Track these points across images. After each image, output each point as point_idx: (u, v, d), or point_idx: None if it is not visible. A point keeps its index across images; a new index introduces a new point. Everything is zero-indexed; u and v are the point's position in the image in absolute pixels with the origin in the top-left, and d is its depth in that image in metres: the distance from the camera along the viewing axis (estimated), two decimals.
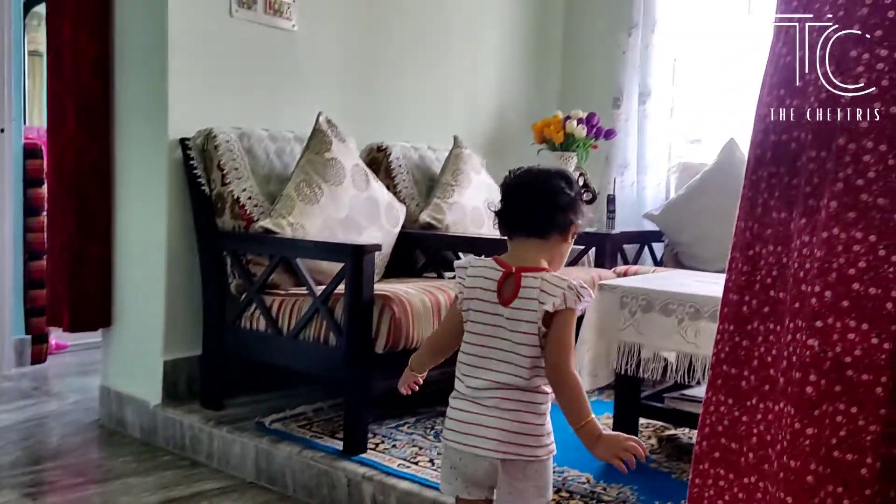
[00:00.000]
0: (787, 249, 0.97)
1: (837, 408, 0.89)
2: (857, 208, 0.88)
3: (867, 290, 0.87)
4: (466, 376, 1.40)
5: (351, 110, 3.04)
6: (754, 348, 1.00)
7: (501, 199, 1.48)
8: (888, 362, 0.88)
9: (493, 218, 1.52)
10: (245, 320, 2.41)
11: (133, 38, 2.58)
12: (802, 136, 0.96)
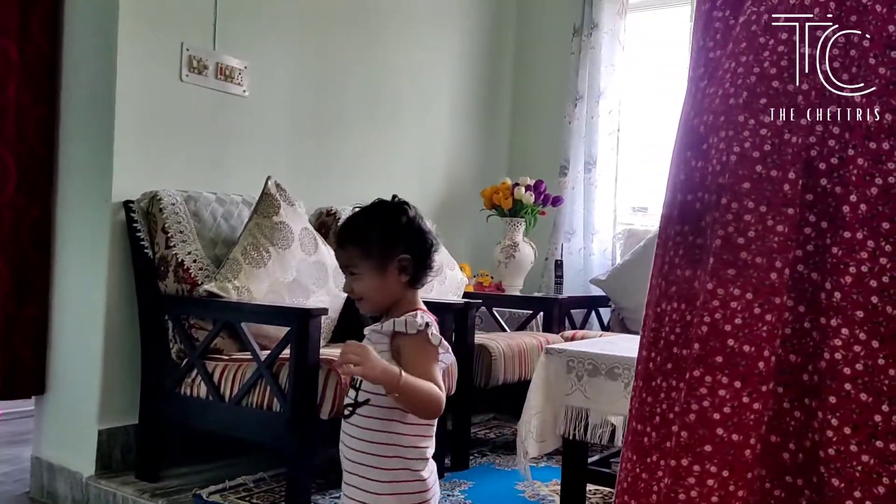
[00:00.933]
0: (690, 307, 0.99)
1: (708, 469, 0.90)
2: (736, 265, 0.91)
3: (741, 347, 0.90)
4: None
5: (300, 174, 3.06)
6: (656, 404, 1.01)
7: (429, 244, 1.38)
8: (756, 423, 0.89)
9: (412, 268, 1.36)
10: (185, 387, 2.35)
11: (80, 99, 2.57)
12: (706, 196, 1.00)
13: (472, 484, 2.53)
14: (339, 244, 1.37)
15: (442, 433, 2.56)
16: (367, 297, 1.34)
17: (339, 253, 1.37)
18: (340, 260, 1.37)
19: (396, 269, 1.32)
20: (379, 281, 1.32)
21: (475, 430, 3.21)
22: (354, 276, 1.34)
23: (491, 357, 2.76)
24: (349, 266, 1.34)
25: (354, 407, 1.31)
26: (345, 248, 1.35)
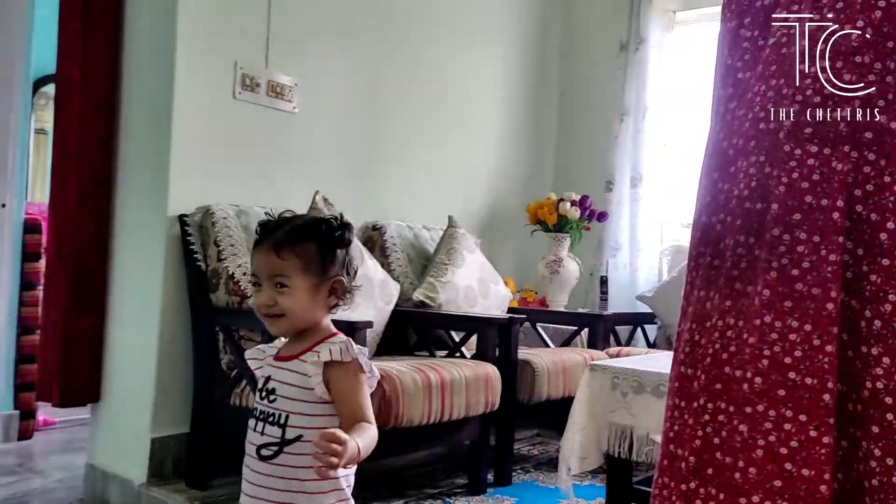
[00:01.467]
0: (700, 328, 0.99)
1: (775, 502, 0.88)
2: (793, 297, 0.90)
3: (803, 379, 0.88)
4: None
5: (348, 189, 3.11)
6: (664, 422, 1.01)
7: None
8: (828, 458, 0.87)
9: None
10: (235, 397, 2.40)
11: (139, 117, 2.66)
12: (729, 219, 1.00)
13: (515, 500, 2.52)
14: (276, 250, 1.21)
15: (485, 447, 2.57)
16: (291, 314, 1.22)
17: (272, 260, 1.21)
18: (270, 268, 1.22)
19: (327, 291, 1.24)
20: (309, 300, 1.22)
21: (518, 446, 3.20)
22: (283, 289, 1.21)
23: (534, 372, 2.75)
24: (280, 276, 1.21)
25: (282, 445, 1.20)
26: (282, 257, 1.21)
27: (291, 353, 1.25)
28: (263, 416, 1.22)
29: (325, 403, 1.20)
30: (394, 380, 2.14)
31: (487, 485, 2.61)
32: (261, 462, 1.21)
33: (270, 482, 1.20)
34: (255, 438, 1.23)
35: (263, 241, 1.24)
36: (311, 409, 1.20)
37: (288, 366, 1.23)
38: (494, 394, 2.48)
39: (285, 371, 1.23)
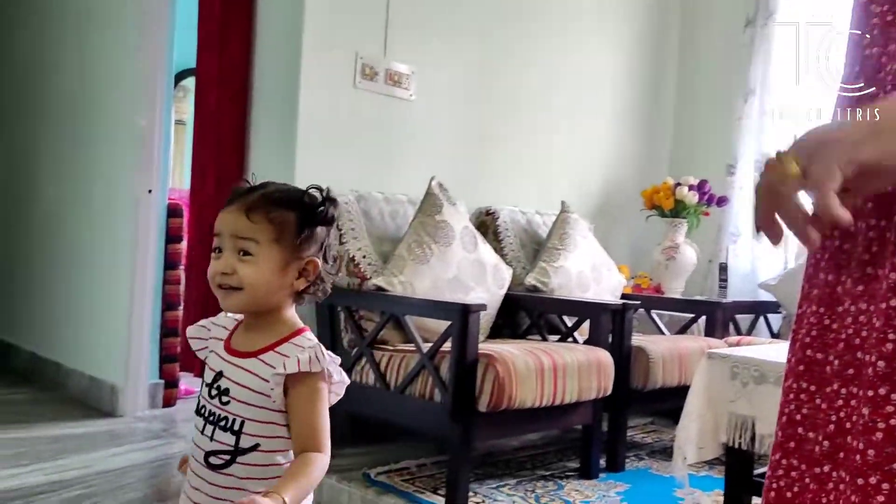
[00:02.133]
0: (830, 312, 0.96)
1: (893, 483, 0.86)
2: None
3: None
4: None
5: (462, 175, 3.17)
6: (784, 405, 0.99)
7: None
8: None
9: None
10: (355, 374, 2.52)
11: (268, 108, 2.82)
12: (860, 202, 0.97)
13: (629, 487, 2.52)
14: (248, 211, 1.05)
15: (597, 432, 2.58)
16: (251, 289, 1.04)
17: (240, 221, 1.04)
18: (235, 229, 1.05)
19: (297, 271, 1.08)
20: (275, 276, 1.06)
21: (632, 434, 3.18)
22: (247, 257, 1.04)
23: (649, 359, 2.73)
24: (246, 241, 1.04)
25: (235, 455, 1.05)
26: (252, 220, 1.04)
27: (249, 348, 1.08)
28: (213, 419, 1.06)
29: (281, 412, 1.05)
30: (506, 362, 2.18)
31: (600, 470, 2.62)
32: (209, 471, 1.05)
33: (221, 493, 1.05)
34: (203, 443, 1.07)
35: (235, 202, 1.07)
36: (270, 417, 1.05)
37: (245, 364, 1.06)
38: (607, 379, 2.49)
39: (242, 371, 1.06)
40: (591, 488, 2.48)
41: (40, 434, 3.09)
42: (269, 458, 1.06)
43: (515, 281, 2.97)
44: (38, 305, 4.17)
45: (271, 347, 1.08)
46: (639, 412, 3.27)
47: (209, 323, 1.16)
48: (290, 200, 1.08)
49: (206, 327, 1.16)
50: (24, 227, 4.38)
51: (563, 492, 2.42)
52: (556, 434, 3.12)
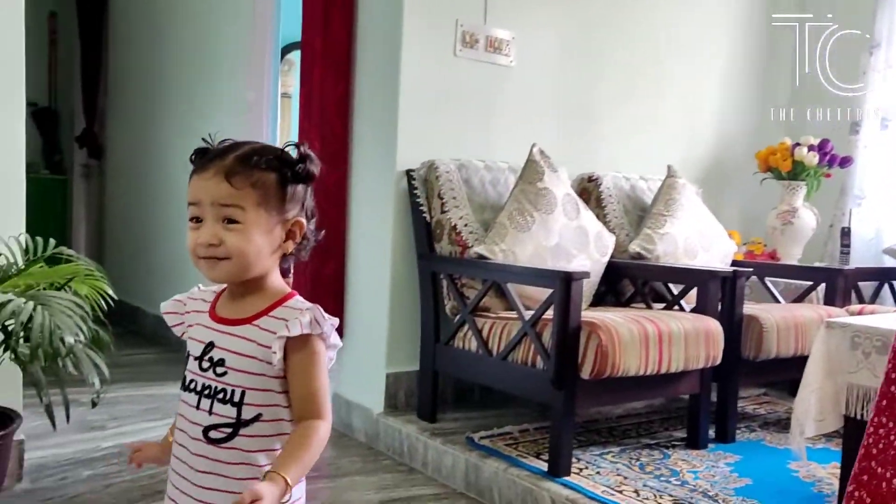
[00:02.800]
0: None
1: None
2: None
3: None
4: None
5: (563, 141, 3.12)
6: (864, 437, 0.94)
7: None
8: None
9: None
10: (458, 340, 2.56)
11: (370, 80, 2.87)
12: None
13: (740, 458, 2.46)
14: (228, 176, 0.99)
15: (706, 402, 2.52)
16: (240, 258, 1.00)
17: (221, 188, 0.99)
18: (217, 197, 0.99)
19: (284, 233, 1.05)
20: (263, 241, 1.01)
21: (743, 405, 3.08)
22: (233, 225, 1.00)
23: (762, 328, 2.63)
24: (230, 208, 0.99)
25: (237, 427, 1.01)
26: (234, 185, 0.99)
27: (240, 315, 1.04)
28: (210, 392, 1.02)
29: (280, 378, 1.03)
30: (610, 330, 2.16)
31: (708, 440, 2.57)
32: (210, 446, 1.01)
33: (224, 469, 1.01)
34: (200, 418, 1.02)
35: (209, 166, 1.01)
36: (271, 385, 1.02)
37: (239, 332, 1.03)
38: (716, 348, 2.42)
39: (236, 338, 1.03)
40: (699, 458, 2.43)
41: (168, 391, 3.33)
42: (275, 427, 1.02)
43: (619, 248, 2.92)
44: (161, 273, 4.45)
45: (265, 312, 1.04)
46: (751, 383, 3.17)
47: (185, 297, 1.12)
48: (269, 160, 1.02)
49: (182, 301, 1.12)
50: (149, 198, 4.68)
51: (669, 461, 2.39)
52: (662, 403, 3.07)
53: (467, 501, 2.30)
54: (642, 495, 2.07)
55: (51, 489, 2.20)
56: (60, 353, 1.73)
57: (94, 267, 2.13)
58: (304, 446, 0.99)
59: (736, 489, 2.18)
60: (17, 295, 1.79)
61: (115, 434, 2.72)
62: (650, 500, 2.04)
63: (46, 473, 2.32)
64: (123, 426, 2.81)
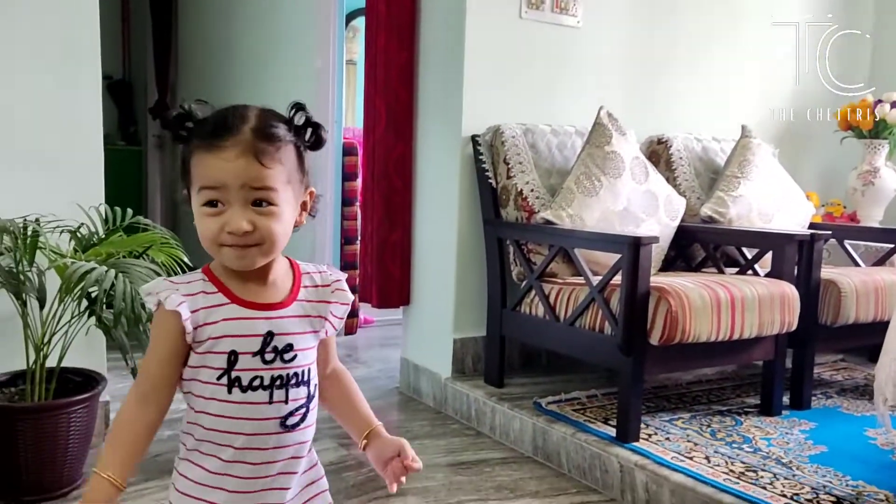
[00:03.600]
0: None
1: None
2: None
3: None
4: None
5: (632, 103, 3.05)
6: None
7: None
8: None
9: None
10: (525, 306, 2.56)
11: (435, 46, 2.85)
12: None
13: (815, 425, 2.40)
14: (258, 156, 0.90)
15: (780, 369, 2.46)
16: (272, 242, 0.94)
17: (252, 168, 0.90)
18: (248, 179, 0.90)
19: (300, 207, 0.99)
20: (291, 220, 0.96)
21: (819, 371, 3.00)
22: (268, 208, 0.92)
23: (840, 293, 2.54)
24: (265, 191, 0.91)
25: (308, 404, 1.00)
26: (265, 164, 0.91)
27: (281, 296, 0.99)
28: (282, 382, 0.97)
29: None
30: (680, 296, 2.13)
31: (782, 407, 2.51)
32: (288, 433, 0.97)
33: (300, 450, 0.99)
34: (275, 411, 0.96)
35: (225, 144, 0.90)
36: (315, 355, 1.02)
37: (291, 312, 0.98)
38: (791, 314, 2.35)
39: (293, 320, 0.98)
40: (773, 425, 2.39)
41: None
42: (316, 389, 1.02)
43: (690, 212, 2.85)
44: None
45: (298, 285, 1.01)
46: (828, 349, 3.07)
47: (181, 297, 0.95)
48: (287, 131, 0.94)
49: (187, 301, 0.95)
50: None
51: (741, 427, 2.35)
52: (734, 369, 3.01)
53: (535, 465, 2.32)
54: (713, 462, 2.05)
55: None
56: (141, 318, 1.81)
57: (169, 235, 2.20)
58: (359, 392, 1.12)
59: (811, 456, 2.13)
60: (100, 263, 1.87)
61: None
62: (721, 466, 2.02)
63: None
64: None
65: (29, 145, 2.19)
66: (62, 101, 2.23)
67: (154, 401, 0.96)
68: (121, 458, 0.94)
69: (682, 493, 1.92)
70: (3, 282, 1.93)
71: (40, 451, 1.91)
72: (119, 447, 0.95)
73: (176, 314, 0.93)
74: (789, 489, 1.89)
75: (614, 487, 2.10)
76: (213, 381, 0.96)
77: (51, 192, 2.18)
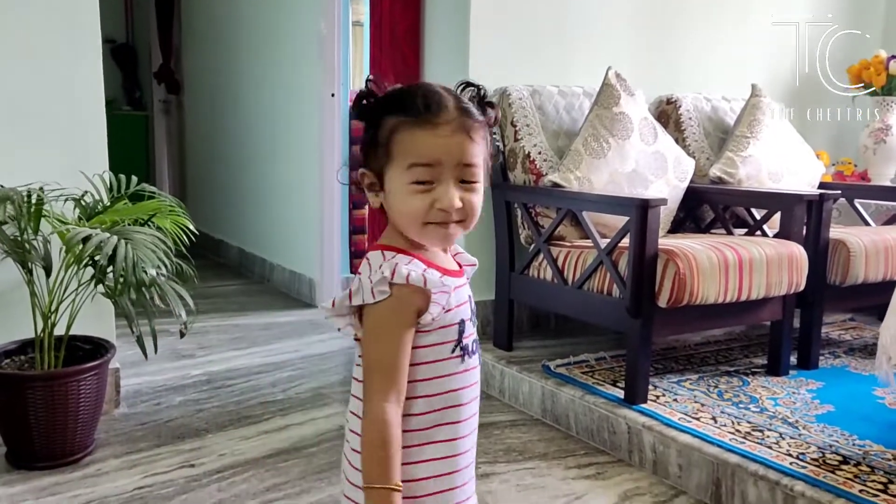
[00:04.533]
0: None
1: None
2: None
3: None
4: None
5: (640, 63, 3.00)
6: None
7: None
8: None
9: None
10: (533, 270, 2.56)
11: (441, 6, 2.80)
12: None
13: (822, 384, 2.40)
14: (470, 133, 0.92)
15: (788, 329, 2.46)
16: (473, 218, 0.95)
17: (466, 145, 0.92)
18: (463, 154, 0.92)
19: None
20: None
21: (828, 331, 3.00)
22: (473, 185, 0.93)
23: (849, 253, 2.52)
24: (473, 166, 0.92)
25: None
26: (476, 141, 0.93)
27: (453, 264, 1.03)
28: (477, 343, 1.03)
29: None
30: (688, 258, 2.11)
31: (790, 367, 2.51)
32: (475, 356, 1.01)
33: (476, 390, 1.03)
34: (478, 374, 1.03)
35: (439, 121, 0.91)
36: None
37: (464, 280, 1.03)
38: (800, 274, 2.34)
39: (467, 284, 1.03)
40: (780, 385, 2.39)
41: (253, 321, 3.46)
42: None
43: (699, 173, 2.83)
44: (242, 206, 4.57)
45: (449, 252, 1.04)
46: (836, 308, 3.06)
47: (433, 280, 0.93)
48: (479, 105, 0.95)
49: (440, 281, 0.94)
50: (227, 131, 4.77)
51: (748, 388, 2.36)
52: (742, 330, 3.01)
53: (543, 427, 2.33)
54: (720, 422, 2.06)
55: (146, 413, 2.35)
56: (144, 283, 1.81)
57: (175, 203, 2.19)
58: None
59: (817, 416, 2.14)
60: (104, 231, 1.86)
61: (203, 362, 2.85)
62: (728, 426, 2.03)
63: (142, 399, 2.46)
64: (211, 355, 2.95)
65: (29, 112, 2.17)
66: (61, 65, 2.19)
67: (401, 398, 0.93)
68: (396, 464, 0.91)
69: (689, 453, 1.93)
70: (8, 250, 1.93)
71: (51, 418, 1.93)
72: (395, 456, 0.91)
73: (425, 292, 0.91)
74: (795, 448, 1.89)
75: (622, 448, 2.12)
76: (445, 357, 0.96)
77: (53, 159, 2.17)
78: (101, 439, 2.13)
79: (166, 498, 1.81)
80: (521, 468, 2.03)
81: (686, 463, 1.94)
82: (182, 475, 1.94)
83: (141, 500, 1.80)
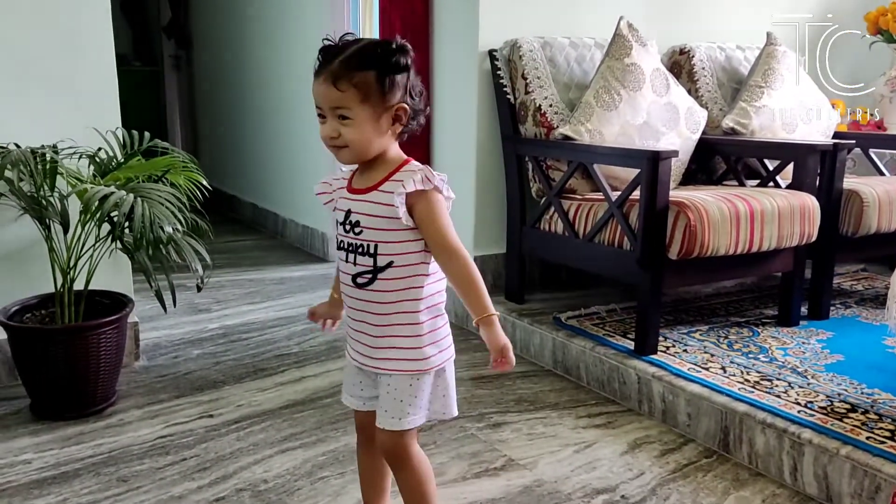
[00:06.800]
0: None
1: None
2: None
3: None
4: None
5: (653, 12, 2.96)
6: None
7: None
8: None
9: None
10: (544, 223, 2.56)
11: None
12: None
13: (832, 335, 2.42)
14: (334, 82, 1.18)
15: (799, 280, 2.46)
16: (354, 146, 1.21)
17: (330, 92, 1.19)
18: (329, 101, 1.20)
19: (391, 118, 1.22)
20: (372, 130, 1.21)
21: (840, 281, 3.00)
22: (345, 121, 1.20)
23: (863, 203, 2.51)
24: (340, 109, 1.20)
25: (375, 273, 1.25)
26: (340, 88, 1.18)
27: (368, 184, 1.25)
28: (353, 248, 1.26)
29: (410, 230, 1.23)
30: (699, 209, 2.11)
31: (800, 317, 2.53)
32: (358, 289, 1.27)
33: (370, 307, 1.27)
34: (349, 269, 1.28)
35: (321, 72, 1.20)
36: (398, 237, 1.23)
37: (368, 198, 1.24)
38: (811, 225, 2.33)
39: (367, 203, 1.24)
40: (790, 335, 2.41)
41: (267, 276, 3.50)
42: (408, 270, 1.25)
43: (712, 124, 2.80)
44: (255, 161, 4.58)
45: (386, 179, 1.24)
46: (849, 259, 3.06)
47: (330, 178, 1.34)
48: (367, 59, 1.19)
49: (329, 182, 1.34)
50: (237, 86, 4.75)
51: (758, 338, 2.38)
52: (754, 281, 3.02)
53: (554, 378, 2.37)
54: (729, 372, 2.08)
55: (165, 366, 2.40)
56: (162, 241, 1.84)
57: (188, 159, 2.20)
58: (471, 282, 1.24)
59: (826, 365, 2.16)
60: (119, 188, 1.88)
61: (220, 316, 2.90)
62: (736, 376, 2.05)
63: (161, 352, 2.52)
64: (227, 309, 2.99)
65: (39, 69, 2.16)
66: (69, 20, 2.18)
67: None
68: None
69: (698, 402, 1.96)
70: (26, 207, 1.96)
71: (73, 370, 1.98)
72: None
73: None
74: (803, 397, 1.92)
75: (632, 398, 2.15)
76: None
77: (66, 116, 2.18)
78: (122, 391, 2.18)
79: (187, 447, 1.87)
80: (532, 418, 2.08)
81: (695, 412, 1.97)
82: (201, 425, 1.99)
83: (163, 449, 1.85)
